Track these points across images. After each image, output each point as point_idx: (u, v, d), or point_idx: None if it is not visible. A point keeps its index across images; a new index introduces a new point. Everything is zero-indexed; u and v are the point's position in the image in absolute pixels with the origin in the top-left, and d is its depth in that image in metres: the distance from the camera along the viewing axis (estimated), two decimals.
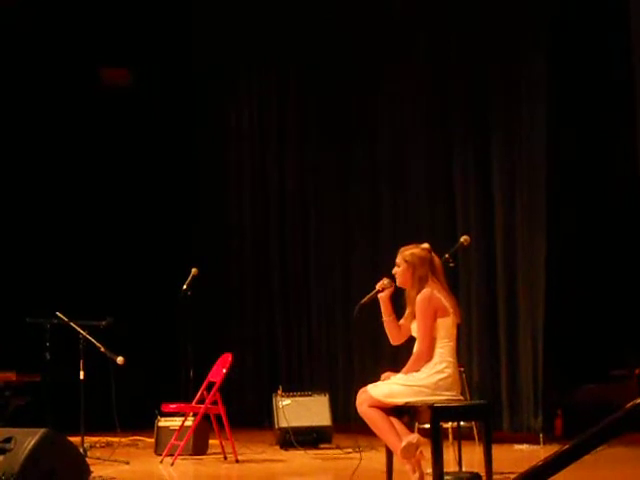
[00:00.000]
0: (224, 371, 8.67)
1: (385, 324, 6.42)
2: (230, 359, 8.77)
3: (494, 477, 6.08)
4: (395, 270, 6.38)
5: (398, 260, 6.38)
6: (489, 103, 9.86)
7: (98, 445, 9.67)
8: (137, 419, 9.92)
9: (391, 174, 10.79)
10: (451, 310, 6.23)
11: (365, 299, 6.45)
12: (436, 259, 6.39)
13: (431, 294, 6.21)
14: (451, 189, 10.14)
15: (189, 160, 12.84)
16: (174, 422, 9.04)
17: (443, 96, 10.20)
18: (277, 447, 9.48)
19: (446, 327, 6.20)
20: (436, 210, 10.28)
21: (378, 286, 6.41)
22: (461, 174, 10.06)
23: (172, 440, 8.75)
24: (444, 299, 6.22)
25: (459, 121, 10.11)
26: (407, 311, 6.35)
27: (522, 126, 9.56)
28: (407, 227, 10.35)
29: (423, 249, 6.37)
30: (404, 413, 6.20)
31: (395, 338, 6.43)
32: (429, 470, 6.09)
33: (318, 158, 11.60)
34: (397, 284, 6.39)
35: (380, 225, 10.86)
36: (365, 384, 6.27)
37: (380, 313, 6.44)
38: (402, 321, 6.38)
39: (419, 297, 6.22)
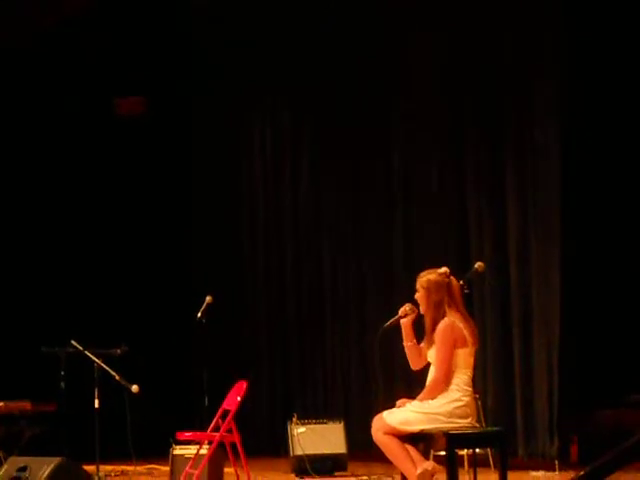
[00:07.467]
0: (239, 399, 8.63)
1: (406, 349, 6.42)
2: (245, 387, 8.73)
3: None
4: (416, 296, 6.39)
5: (417, 286, 6.39)
6: (503, 132, 9.90)
7: (113, 474, 9.66)
8: (152, 447, 9.89)
9: (404, 202, 10.81)
10: (471, 340, 6.22)
11: (388, 324, 6.46)
12: (454, 283, 6.38)
13: (453, 324, 6.20)
14: (465, 216, 10.15)
15: (204, 190, 12.83)
16: (189, 450, 8.99)
17: (457, 129, 10.26)
18: (292, 475, 9.45)
19: (464, 357, 6.19)
20: (449, 236, 10.28)
21: (400, 312, 6.41)
22: (475, 202, 10.09)
23: (187, 468, 8.71)
24: (464, 329, 6.21)
25: (473, 150, 10.15)
26: (425, 336, 6.35)
27: (536, 151, 9.59)
28: (420, 254, 10.34)
29: (440, 274, 6.37)
30: (419, 440, 6.19)
31: (415, 363, 6.44)
32: None
33: (332, 189, 11.60)
34: (420, 311, 6.39)
35: (393, 252, 10.85)
36: (380, 411, 6.26)
37: (398, 339, 6.44)
38: (422, 344, 6.39)
39: (441, 326, 6.21)
